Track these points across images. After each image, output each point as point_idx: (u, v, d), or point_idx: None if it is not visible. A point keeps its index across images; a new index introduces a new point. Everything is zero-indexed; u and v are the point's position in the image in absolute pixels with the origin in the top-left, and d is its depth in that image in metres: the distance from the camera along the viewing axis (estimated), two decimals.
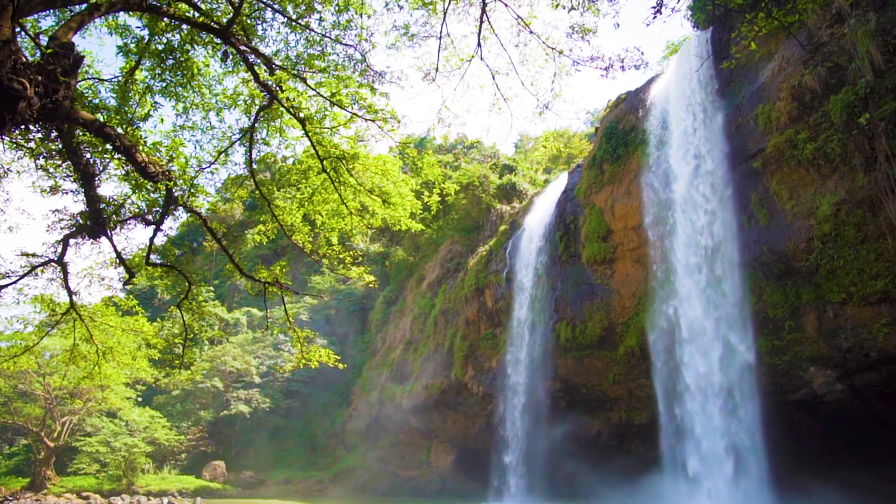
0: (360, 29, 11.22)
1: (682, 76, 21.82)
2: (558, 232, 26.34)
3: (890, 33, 14.61)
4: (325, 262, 13.58)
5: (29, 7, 7.30)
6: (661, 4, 8.30)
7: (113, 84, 11.16)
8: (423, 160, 12.22)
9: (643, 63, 10.17)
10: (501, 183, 39.11)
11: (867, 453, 17.38)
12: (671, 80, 22.69)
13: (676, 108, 21.59)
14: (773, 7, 10.08)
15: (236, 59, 10.90)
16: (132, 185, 10.88)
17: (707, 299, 19.33)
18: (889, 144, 14.13)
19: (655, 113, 22.80)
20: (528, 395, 26.31)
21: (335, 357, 13.69)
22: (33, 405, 41.86)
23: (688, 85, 21.25)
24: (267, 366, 47.65)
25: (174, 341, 16.40)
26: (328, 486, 40.80)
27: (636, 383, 22.61)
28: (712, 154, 19.68)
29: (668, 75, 23.29)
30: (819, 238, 16.15)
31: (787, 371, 17.60)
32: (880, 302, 14.96)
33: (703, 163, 20.03)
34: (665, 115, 22.32)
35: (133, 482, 40.47)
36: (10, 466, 45.45)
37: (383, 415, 38.22)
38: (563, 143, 54.59)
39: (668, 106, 22.22)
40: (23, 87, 6.54)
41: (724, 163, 19.27)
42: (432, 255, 41.22)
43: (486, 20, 10.17)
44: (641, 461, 22.71)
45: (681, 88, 21.60)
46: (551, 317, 25.38)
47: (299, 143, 12.46)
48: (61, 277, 12.96)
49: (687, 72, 21.44)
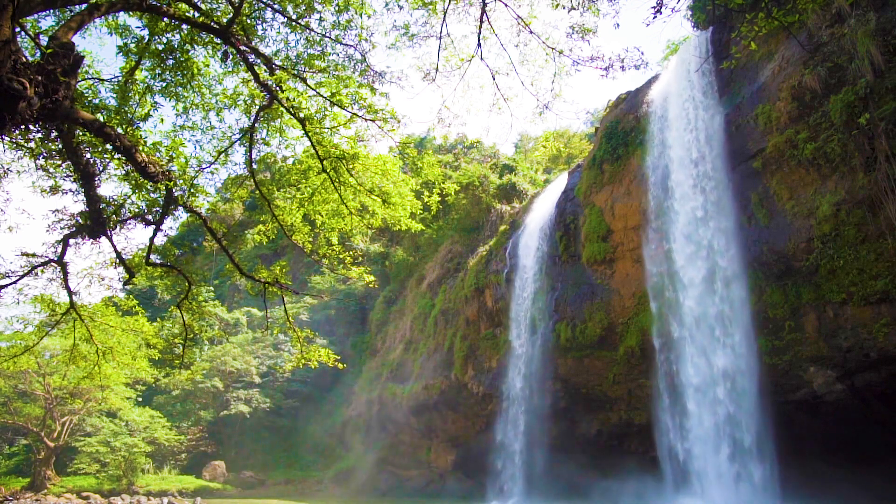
0: (360, 29, 11.23)
1: (681, 76, 21.82)
2: (558, 232, 26.34)
3: (890, 33, 14.61)
4: (325, 262, 13.57)
5: (29, 7, 7.30)
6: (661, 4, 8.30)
7: (113, 84, 11.16)
8: (423, 160, 12.22)
9: (643, 63, 10.17)
10: (501, 183, 39.10)
11: (867, 453, 17.37)
12: (671, 80, 22.69)
13: (676, 108, 21.59)
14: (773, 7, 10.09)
15: (236, 59, 10.89)
16: (132, 185, 10.88)
17: (707, 299, 19.33)
18: (889, 144, 14.14)
19: (655, 113, 22.79)
20: (527, 395, 26.29)
21: (335, 357, 13.69)
22: (33, 405, 41.86)
23: (688, 85, 21.25)
24: (267, 366, 47.67)
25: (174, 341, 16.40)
26: (328, 486, 40.82)
27: (636, 383, 22.61)
28: (712, 154, 19.68)
29: (668, 75, 23.28)
30: (819, 238, 16.15)
31: (787, 371, 17.60)
32: (880, 302, 14.96)
33: (702, 163, 20.03)
34: (665, 115, 22.32)
35: (133, 482, 40.47)
36: (10, 466, 45.44)
37: (383, 415, 38.21)
38: (563, 143, 54.62)
39: (668, 106, 22.22)
40: (23, 87, 6.54)
41: (724, 163, 19.27)
42: (432, 255, 41.22)
43: (486, 20, 10.17)
44: (641, 461, 22.70)
45: (681, 88, 21.60)
46: (551, 317, 25.38)
47: (299, 143, 12.47)
48: (61, 277, 12.96)
49: (687, 72, 21.45)
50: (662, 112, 22.51)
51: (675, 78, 22.35)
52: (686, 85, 21.32)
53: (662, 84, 23.38)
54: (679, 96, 21.54)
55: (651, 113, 22.98)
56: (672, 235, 20.82)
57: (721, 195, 19.28)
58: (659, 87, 23.52)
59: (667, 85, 22.90)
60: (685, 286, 20.05)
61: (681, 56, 22.79)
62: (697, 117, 20.52)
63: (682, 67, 22.07)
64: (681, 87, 21.61)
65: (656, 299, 21.17)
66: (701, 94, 20.62)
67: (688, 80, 21.22)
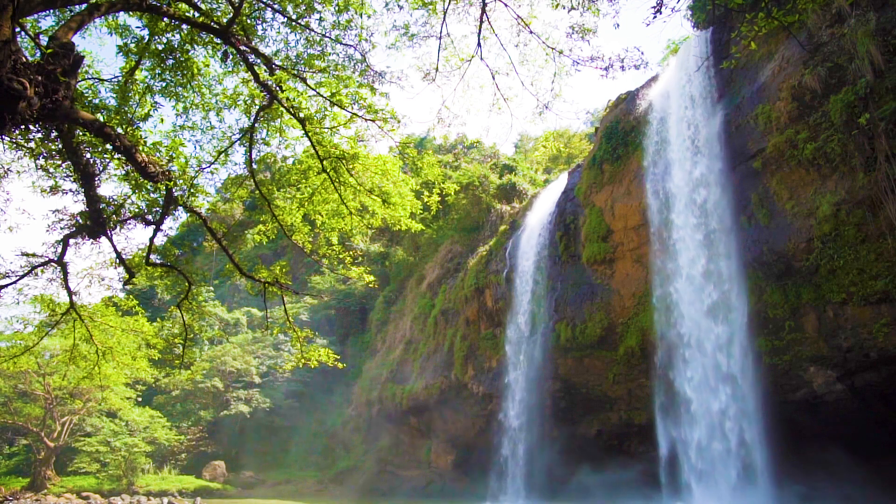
0: (360, 29, 11.22)
1: (681, 76, 21.82)
2: (558, 232, 26.33)
3: (890, 33, 14.61)
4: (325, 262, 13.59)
5: (29, 7, 7.30)
6: (661, 4, 8.29)
7: (113, 84, 11.16)
8: (423, 160, 12.21)
9: (643, 63, 10.16)
10: (501, 183, 39.10)
11: (867, 453, 17.36)
12: (671, 79, 22.68)
13: (676, 108, 21.58)
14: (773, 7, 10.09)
15: (236, 59, 10.89)
16: (132, 185, 10.88)
17: (707, 299, 19.33)
18: (889, 144, 14.13)
19: (655, 113, 22.79)
20: (527, 395, 26.30)
21: (335, 357, 13.70)
22: (33, 405, 41.84)
23: (688, 85, 21.24)
24: (267, 366, 47.67)
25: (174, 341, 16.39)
26: (328, 485, 40.81)
27: (636, 383, 22.61)
28: (712, 154, 19.67)
29: (668, 75, 23.28)
30: (819, 238, 16.14)
31: (787, 371, 17.60)
32: (880, 302, 14.96)
33: (702, 163, 20.03)
34: (665, 115, 22.31)
35: (133, 482, 40.47)
36: (10, 466, 45.44)
37: (383, 415, 38.21)
38: (563, 143, 54.63)
39: (668, 106, 22.22)
40: (23, 87, 6.54)
41: (724, 163, 19.26)
42: (432, 255, 41.21)
43: (486, 20, 10.17)
44: (641, 461, 22.70)
45: (681, 88, 21.60)
46: (551, 317, 25.38)
47: (299, 143, 12.45)
48: (61, 277, 12.96)
49: (687, 72, 21.44)
50: (662, 112, 22.51)
51: (675, 78, 22.34)
52: (686, 85, 21.32)
53: (662, 84, 23.37)
54: (679, 96, 21.54)
55: (651, 113, 22.98)
56: (672, 235, 20.82)
57: (721, 195, 19.27)
58: (659, 87, 23.51)
59: (667, 85, 22.90)
60: (685, 286, 20.05)
61: (681, 56, 22.78)
62: (697, 117, 20.52)
63: (682, 67, 22.07)
64: (681, 86, 21.60)
65: (656, 299, 21.17)
66: (701, 94, 20.61)
67: (688, 80, 21.22)
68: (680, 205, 20.63)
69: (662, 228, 21.36)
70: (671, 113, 21.92)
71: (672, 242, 20.77)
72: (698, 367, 19.22)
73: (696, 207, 20.06)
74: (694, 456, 18.93)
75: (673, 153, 21.30)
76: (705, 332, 19.21)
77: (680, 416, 19.79)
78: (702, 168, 20.03)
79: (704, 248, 19.62)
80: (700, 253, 19.73)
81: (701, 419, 18.92)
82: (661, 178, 21.71)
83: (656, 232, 21.63)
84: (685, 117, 20.99)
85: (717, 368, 18.72)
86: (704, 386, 18.99)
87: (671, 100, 22.10)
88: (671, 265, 20.74)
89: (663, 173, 21.66)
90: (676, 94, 21.79)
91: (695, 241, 19.93)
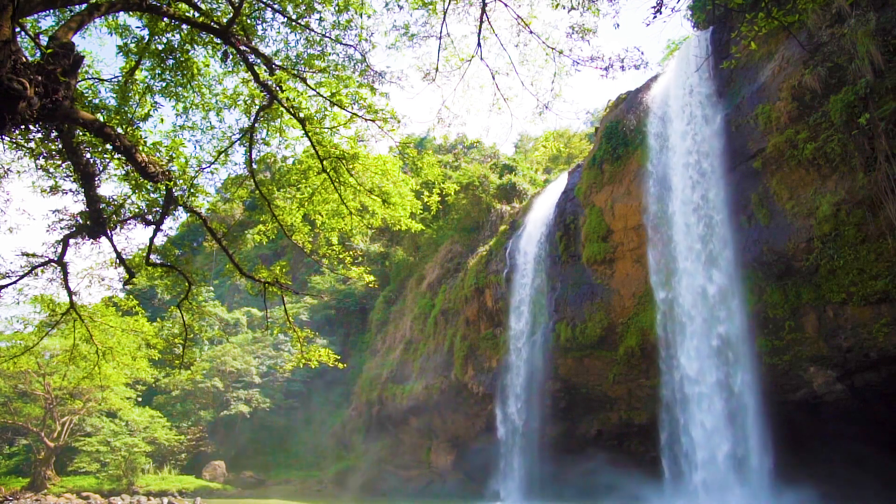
0: (360, 29, 11.21)
1: (682, 76, 21.82)
2: (558, 232, 26.33)
3: (890, 33, 14.61)
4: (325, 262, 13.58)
5: (29, 7, 7.30)
6: (661, 4, 8.29)
7: (113, 84, 11.15)
8: (423, 160, 12.20)
9: (643, 63, 10.16)
10: (501, 183, 39.10)
11: (867, 453, 17.35)
12: (671, 79, 22.68)
13: (676, 108, 21.59)
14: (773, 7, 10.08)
15: (236, 59, 10.88)
16: (132, 185, 10.87)
17: (707, 299, 19.33)
18: (889, 144, 14.13)
19: (655, 113, 22.79)
20: (527, 395, 26.30)
21: (335, 357, 13.69)
22: (33, 405, 41.87)
23: (688, 85, 21.25)
24: (267, 366, 47.68)
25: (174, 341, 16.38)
26: (328, 486, 40.83)
27: (636, 383, 22.61)
28: (712, 154, 19.68)
29: (668, 75, 23.28)
30: (819, 238, 16.14)
31: (787, 371, 17.60)
32: (880, 302, 14.96)
33: (702, 162, 20.03)
34: (665, 115, 22.31)
35: (133, 482, 40.48)
36: (10, 466, 45.45)
37: (383, 415, 38.21)
38: (563, 143, 54.63)
39: (668, 106, 22.22)
40: (23, 87, 6.53)
41: (724, 163, 19.27)
42: (432, 255, 41.21)
43: (486, 20, 10.16)
44: (641, 461, 22.70)
45: (681, 88, 21.60)
46: (551, 317, 25.38)
47: (299, 143, 12.44)
48: (61, 277, 12.95)
49: (687, 72, 21.44)
50: (662, 112, 22.51)
51: (675, 78, 22.35)
52: (686, 85, 21.32)
53: (662, 84, 23.38)
54: (679, 96, 21.54)
55: (651, 113, 22.98)
56: (672, 235, 20.82)
57: (721, 195, 19.28)
58: (659, 86, 23.52)
59: (667, 85, 22.90)
60: (685, 286, 20.05)
61: (681, 56, 22.78)
62: (697, 117, 20.52)
63: (682, 67, 22.07)
64: (681, 86, 21.60)
65: (656, 299, 21.17)
66: (701, 94, 20.61)
67: (688, 80, 21.22)
68: (680, 204, 20.63)
69: (662, 228, 21.37)
70: (671, 113, 21.93)
71: (672, 242, 20.78)
72: (698, 368, 19.22)
73: (696, 207, 20.06)
74: (694, 456, 18.93)
75: (673, 153, 21.30)
76: (705, 333, 19.21)
77: (680, 417, 19.80)
78: (702, 168, 20.04)
79: (704, 248, 19.61)
80: (700, 252, 19.72)
81: (701, 420, 18.92)
82: (661, 177, 21.71)
83: (656, 232, 21.64)
84: (685, 117, 20.99)
85: (717, 368, 18.72)
86: (704, 386, 18.98)
87: (671, 100, 22.11)
88: (671, 265, 20.74)
89: (663, 173, 21.66)
90: (676, 94, 21.79)
91: (695, 241, 19.93)
